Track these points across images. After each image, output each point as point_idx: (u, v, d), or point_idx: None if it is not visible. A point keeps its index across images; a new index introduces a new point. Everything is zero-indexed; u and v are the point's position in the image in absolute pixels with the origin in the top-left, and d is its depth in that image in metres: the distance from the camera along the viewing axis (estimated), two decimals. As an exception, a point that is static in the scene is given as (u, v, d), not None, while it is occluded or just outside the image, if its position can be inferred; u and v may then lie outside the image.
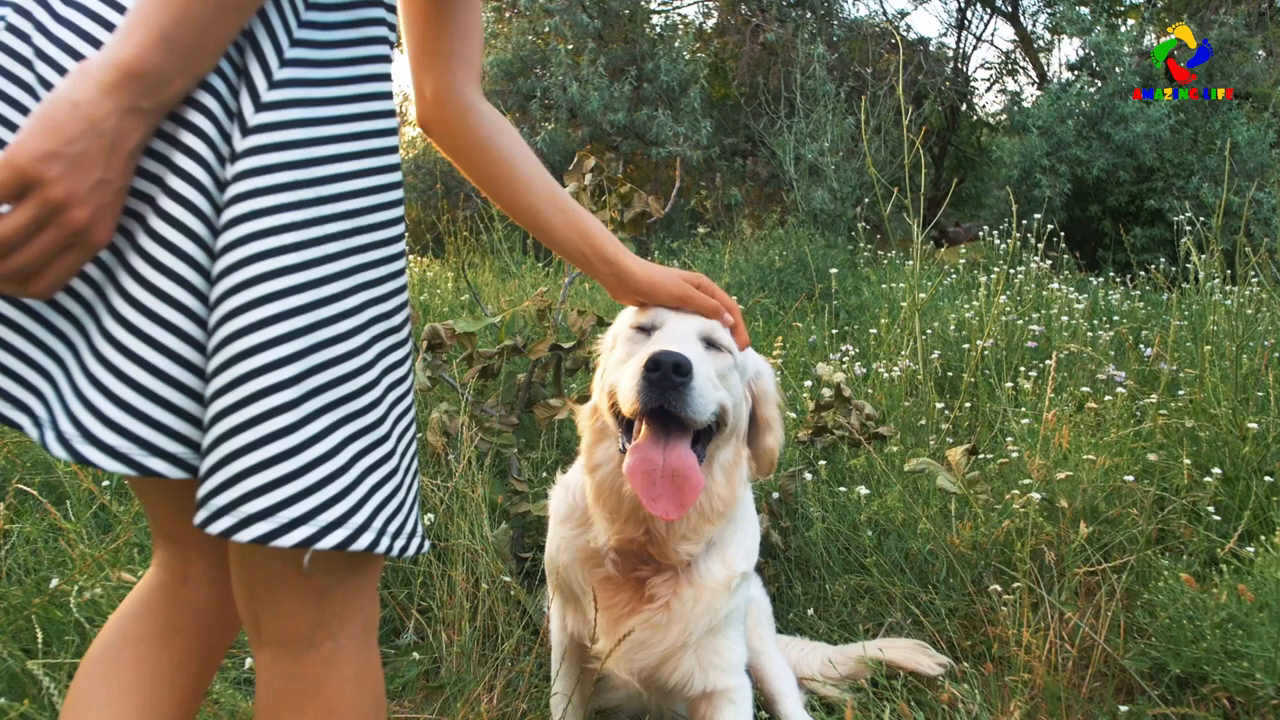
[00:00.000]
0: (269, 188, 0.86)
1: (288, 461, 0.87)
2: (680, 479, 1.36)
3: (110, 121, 0.79)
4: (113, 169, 0.80)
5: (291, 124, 0.89)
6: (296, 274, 0.87)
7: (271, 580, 0.99)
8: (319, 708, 1.01)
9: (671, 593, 1.57)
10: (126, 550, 2.26)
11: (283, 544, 0.86)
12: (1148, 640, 2.03)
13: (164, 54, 0.80)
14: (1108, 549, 2.29)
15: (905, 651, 2.09)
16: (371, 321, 0.94)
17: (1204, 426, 2.67)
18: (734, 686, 1.66)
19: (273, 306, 0.86)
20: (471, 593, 2.30)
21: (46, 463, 2.60)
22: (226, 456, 0.85)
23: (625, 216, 3.14)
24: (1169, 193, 7.43)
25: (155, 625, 1.15)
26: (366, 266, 0.94)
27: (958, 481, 2.23)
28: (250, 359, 0.85)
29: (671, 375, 1.32)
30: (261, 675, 1.03)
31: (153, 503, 1.15)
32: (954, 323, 4.01)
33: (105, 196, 0.80)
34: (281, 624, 1.00)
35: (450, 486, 2.55)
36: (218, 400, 0.85)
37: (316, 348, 0.88)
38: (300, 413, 0.87)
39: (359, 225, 0.93)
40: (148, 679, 1.13)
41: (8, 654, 1.75)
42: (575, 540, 1.65)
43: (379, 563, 1.09)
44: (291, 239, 0.87)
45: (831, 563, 2.41)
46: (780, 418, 1.65)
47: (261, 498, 0.86)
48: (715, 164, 9.14)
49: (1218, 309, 3.42)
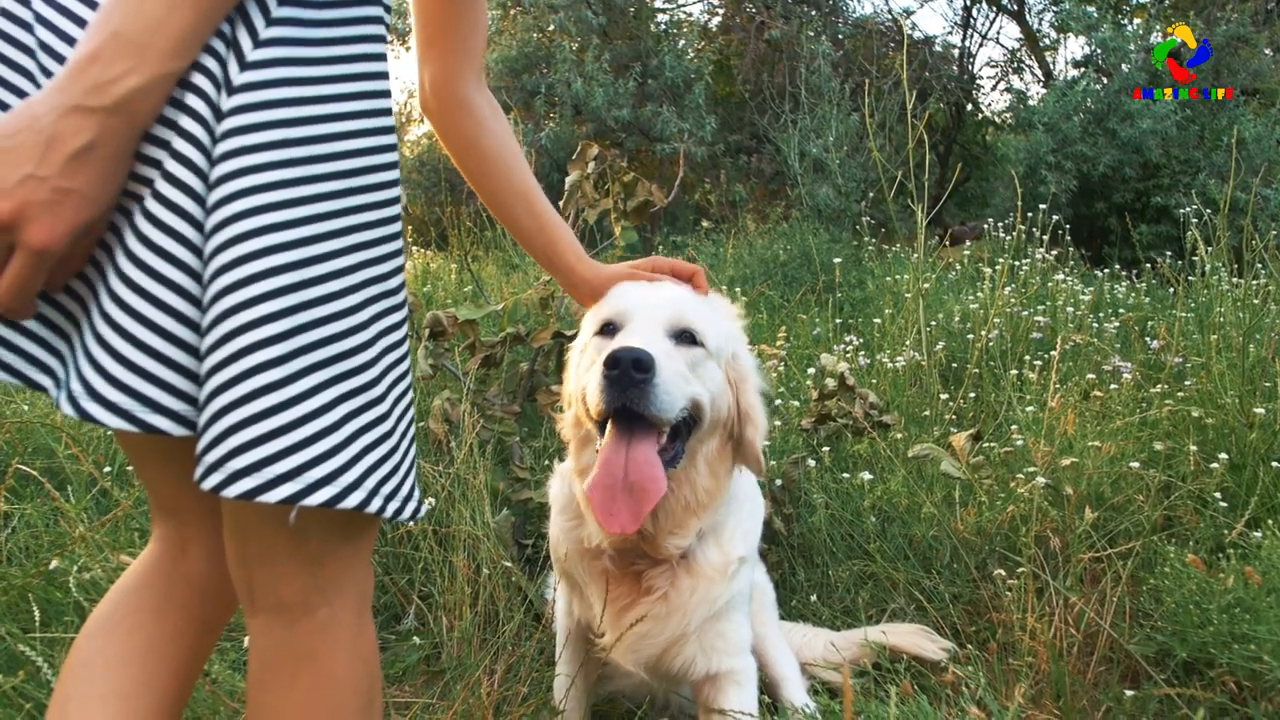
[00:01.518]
0: (254, 146, 0.86)
1: (274, 417, 0.86)
2: (639, 491, 1.32)
3: (48, 119, 0.79)
4: (48, 166, 0.78)
5: (278, 82, 0.88)
6: (283, 232, 0.86)
7: (265, 546, 0.98)
8: (313, 674, 1.00)
9: (669, 584, 1.55)
10: (126, 533, 2.26)
11: (268, 499, 0.85)
12: (1153, 625, 2.01)
13: (111, 52, 0.80)
14: (1113, 536, 2.27)
15: (909, 636, 2.07)
16: (367, 283, 0.94)
17: (1211, 413, 2.65)
18: (739, 668, 1.64)
19: (259, 263, 0.85)
20: (472, 578, 2.29)
21: (48, 447, 2.60)
22: (217, 412, 0.85)
23: (628, 205, 3.12)
24: (1175, 189, 7.40)
25: (152, 599, 1.14)
26: (361, 228, 0.93)
27: (962, 467, 2.21)
28: (237, 315, 0.84)
29: (631, 372, 1.29)
30: (255, 643, 1.03)
31: (153, 475, 1.15)
32: (958, 314, 3.99)
33: (35, 193, 0.78)
34: (275, 590, 0.99)
35: (452, 473, 2.54)
36: (209, 357, 0.85)
37: (305, 306, 0.87)
38: (287, 369, 0.86)
39: (352, 186, 0.92)
40: (143, 651, 1.12)
41: (5, 632, 1.74)
42: (572, 532, 1.63)
43: (373, 531, 1.08)
44: (278, 197, 0.86)
45: (834, 549, 2.40)
46: (762, 404, 1.57)
47: (248, 453, 0.85)
48: (720, 161, 9.13)
49: (1224, 299, 3.39)
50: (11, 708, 1.55)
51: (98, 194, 0.82)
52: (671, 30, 10.05)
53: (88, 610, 1.87)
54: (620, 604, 1.56)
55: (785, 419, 2.95)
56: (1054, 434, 2.56)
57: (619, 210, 3.10)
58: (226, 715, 1.68)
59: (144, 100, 0.82)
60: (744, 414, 1.53)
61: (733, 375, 1.53)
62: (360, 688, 1.04)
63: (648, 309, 1.46)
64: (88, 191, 0.81)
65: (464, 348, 3.08)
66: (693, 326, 1.47)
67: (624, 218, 3.10)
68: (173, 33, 0.82)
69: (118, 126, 0.81)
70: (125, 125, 0.81)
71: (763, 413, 1.55)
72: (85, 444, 2.53)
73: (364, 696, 1.05)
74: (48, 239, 0.80)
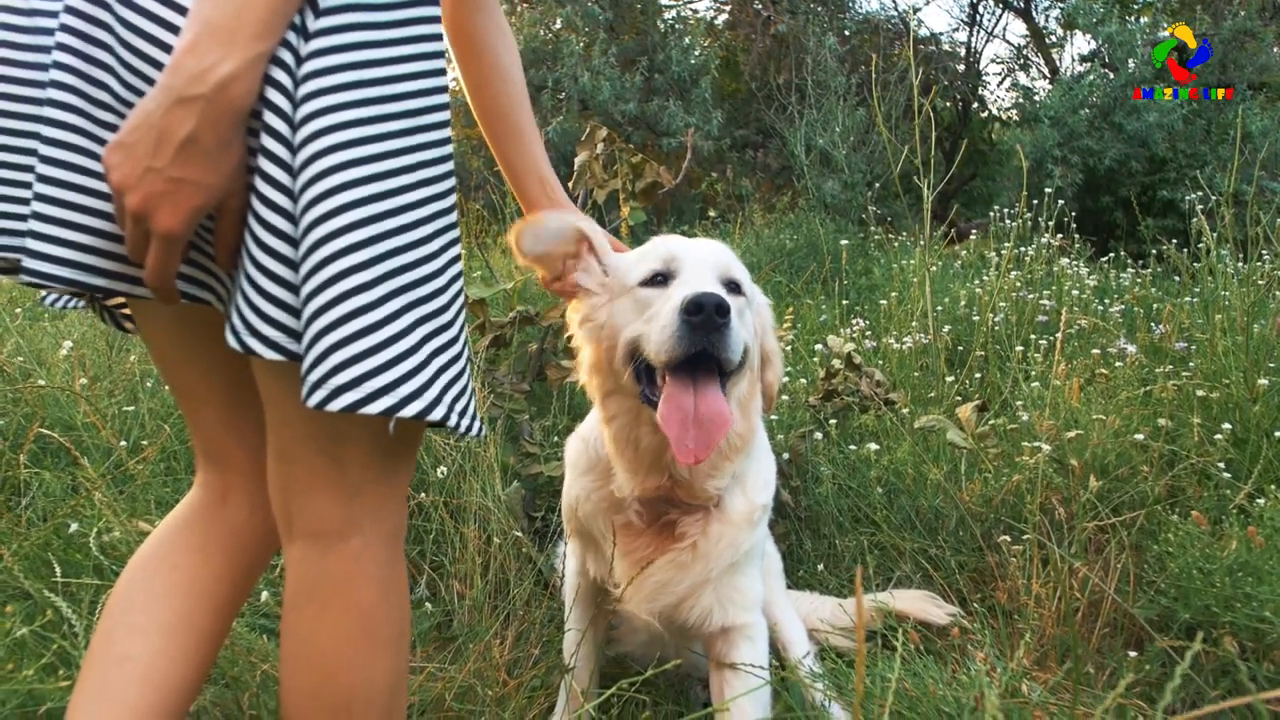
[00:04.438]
0: (333, 87, 0.90)
1: (367, 338, 0.91)
2: (710, 425, 1.35)
3: (157, 114, 0.85)
4: (161, 158, 0.85)
5: (349, 27, 0.92)
6: (364, 166, 0.91)
7: (308, 474, 1.02)
8: (344, 601, 1.03)
9: (700, 531, 1.57)
10: (143, 501, 2.30)
11: (369, 411, 0.91)
12: (1157, 589, 2.03)
13: (204, 42, 0.84)
14: (1117, 506, 2.29)
15: (915, 602, 2.10)
16: (435, 215, 0.99)
17: (1215, 387, 2.67)
18: (751, 623, 1.66)
19: (344, 195, 0.89)
20: (483, 548, 2.32)
21: (65, 420, 2.64)
22: (316, 335, 0.90)
23: (636, 186, 3.16)
24: (1181, 183, 7.40)
25: (195, 539, 1.20)
26: (427, 164, 0.98)
27: (968, 437, 2.24)
28: (328, 244, 0.89)
29: (715, 317, 1.31)
30: (291, 571, 1.06)
31: (203, 422, 1.20)
32: (964, 298, 4.01)
33: (155, 185, 0.86)
34: (314, 518, 1.03)
35: (463, 446, 2.57)
36: (306, 284, 0.90)
37: (386, 235, 0.93)
38: (375, 294, 0.91)
39: (418, 125, 0.97)
40: (185, 588, 1.17)
41: (30, 587, 1.78)
42: (597, 491, 1.65)
43: (409, 468, 1.13)
44: (357, 134, 0.91)
45: (841, 519, 2.42)
46: (778, 349, 1.65)
47: (347, 370, 0.90)
48: (726, 155, 9.16)
49: (1229, 282, 3.41)
50: (31, 656, 1.59)
51: (210, 179, 0.87)
52: (678, 26, 10.08)
53: (108, 571, 1.91)
54: (641, 553, 1.58)
55: (793, 396, 2.98)
56: (1059, 410, 2.58)
57: (627, 191, 3.13)
58: (245, 667, 1.71)
59: (238, 84, 0.86)
60: (765, 358, 1.60)
61: (757, 324, 1.59)
62: (391, 618, 1.07)
63: (699, 260, 1.50)
64: (199, 179, 0.87)
65: (474, 328, 3.11)
66: (737, 277, 1.52)
67: (632, 198, 3.13)
68: (257, 14, 0.86)
69: (217, 113, 0.85)
70: (225, 110, 0.86)
71: (780, 356, 1.63)
72: (103, 415, 2.57)
73: (394, 628, 1.08)
74: (171, 225, 0.87)
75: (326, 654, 1.03)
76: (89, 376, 2.92)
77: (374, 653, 1.05)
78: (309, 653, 1.04)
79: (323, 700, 1.03)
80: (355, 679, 1.04)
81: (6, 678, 1.51)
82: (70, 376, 2.87)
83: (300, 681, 1.04)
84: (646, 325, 1.42)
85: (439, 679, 1.86)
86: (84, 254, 0.95)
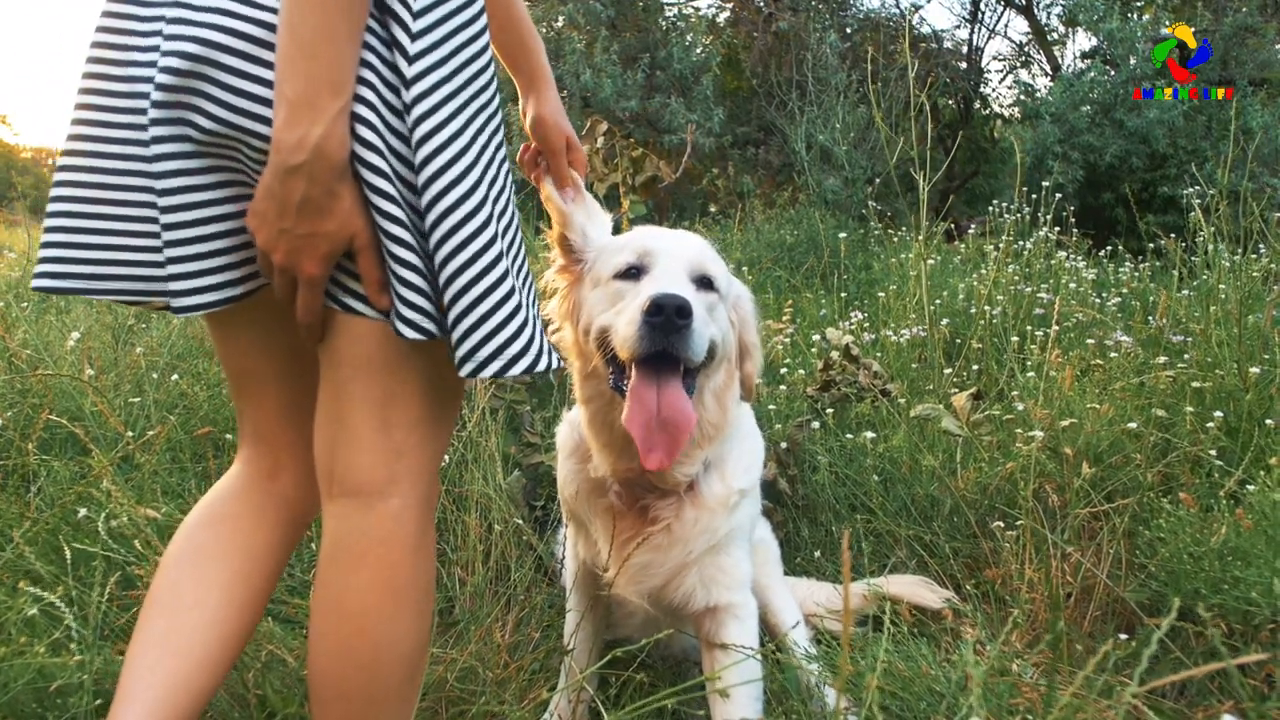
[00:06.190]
0: (440, 99, 1.04)
1: (498, 313, 1.06)
2: (673, 427, 1.38)
3: (275, 185, 0.99)
4: (288, 219, 1.00)
5: (440, 42, 1.04)
6: (465, 159, 1.04)
7: (354, 434, 1.09)
8: (379, 559, 1.09)
9: (674, 515, 1.60)
10: (150, 490, 2.33)
11: (515, 373, 1.08)
12: (1148, 574, 2.06)
13: (294, 117, 0.96)
14: (1110, 493, 2.32)
15: (909, 586, 2.13)
16: (505, 188, 1.13)
17: (1209, 377, 2.69)
18: (738, 603, 1.68)
19: (458, 190, 1.03)
20: (484, 536, 2.35)
21: (73, 410, 2.68)
22: (455, 318, 1.04)
23: (636, 180, 3.19)
24: (1182, 180, 7.41)
25: (248, 506, 1.27)
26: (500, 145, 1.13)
27: (963, 425, 2.27)
28: (454, 236, 1.03)
29: (674, 319, 1.34)
30: (330, 525, 1.12)
31: (263, 404, 1.28)
32: (962, 292, 4.04)
33: (291, 242, 1.01)
34: (359, 476, 1.10)
35: (465, 436, 2.61)
36: (442, 271, 1.04)
37: (493, 219, 1.07)
38: (496, 273, 1.06)
39: (491, 112, 1.11)
40: (242, 548, 1.25)
41: (39, 564, 1.81)
42: (579, 472, 1.69)
43: (448, 432, 1.21)
44: (453, 130, 1.04)
45: (838, 506, 2.45)
46: (759, 342, 1.68)
47: (489, 344, 1.06)
48: (727, 152, 9.18)
49: (1225, 276, 3.43)
50: (38, 634, 1.62)
51: (329, 226, 1.01)
52: (680, 23, 10.09)
53: (116, 560, 1.94)
54: (624, 535, 1.61)
55: (791, 387, 3.01)
56: (1053, 400, 2.61)
57: (628, 185, 3.16)
58: (249, 647, 1.74)
59: (329, 141, 0.97)
60: (745, 350, 1.63)
61: (735, 317, 1.61)
62: (419, 582, 1.13)
63: (671, 255, 1.52)
64: (322, 229, 1.01)
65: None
66: (710, 273, 1.54)
67: (632, 192, 3.17)
68: (325, 79, 0.97)
69: (319, 170, 0.98)
70: (325, 167, 0.98)
71: (760, 350, 1.65)
72: (111, 405, 2.61)
73: (421, 591, 1.14)
74: (312, 271, 1.03)
75: (358, 608, 1.09)
76: (96, 368, 2.96)
77: (402, 611, 1.11)
78: (341, 606, 1.09)
79: (352, 655, 1.08)
80: (383, 635, 1.09)
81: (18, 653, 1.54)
82: (78, 367, 2.91)
83: (330, 634, 1.10)
84: (616, 318, 1.45)
85: (441, 661, 1.89)
86: (217, 275, 1.10)
